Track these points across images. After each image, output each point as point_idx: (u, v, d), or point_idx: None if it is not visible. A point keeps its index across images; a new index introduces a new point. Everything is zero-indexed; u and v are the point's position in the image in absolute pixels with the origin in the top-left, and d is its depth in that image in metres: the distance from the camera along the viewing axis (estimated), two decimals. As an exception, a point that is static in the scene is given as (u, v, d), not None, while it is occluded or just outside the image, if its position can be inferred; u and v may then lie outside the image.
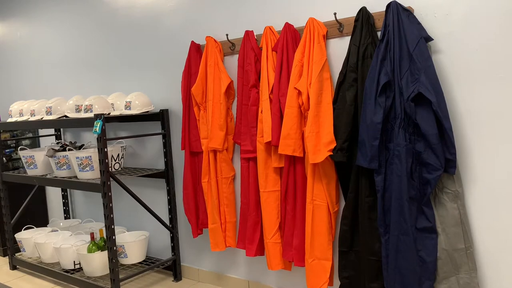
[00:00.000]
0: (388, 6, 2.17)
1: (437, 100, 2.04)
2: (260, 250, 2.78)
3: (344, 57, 2.34)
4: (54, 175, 3.40)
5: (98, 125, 2.83)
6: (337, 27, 2.44)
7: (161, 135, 3.34)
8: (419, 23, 2.15)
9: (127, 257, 3.29)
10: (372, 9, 2.29)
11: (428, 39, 2.14)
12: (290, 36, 2.52)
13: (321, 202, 2.44)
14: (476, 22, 2.09)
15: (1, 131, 4.02)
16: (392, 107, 2.16)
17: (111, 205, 2.91)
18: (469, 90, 2.13)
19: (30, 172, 3.55)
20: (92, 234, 3.26)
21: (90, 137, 3.95)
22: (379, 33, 2.24)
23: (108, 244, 2.94)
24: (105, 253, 3.16)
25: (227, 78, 2.84)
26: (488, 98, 2.10)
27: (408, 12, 2.15)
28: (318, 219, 2.45)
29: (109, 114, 3.13)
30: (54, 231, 3.77)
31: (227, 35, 2.88)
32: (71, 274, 3.29)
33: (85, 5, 3.80)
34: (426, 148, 2.09)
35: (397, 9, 2.14)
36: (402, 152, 2.12)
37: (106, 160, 2.88)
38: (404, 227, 2.15)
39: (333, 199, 2.47)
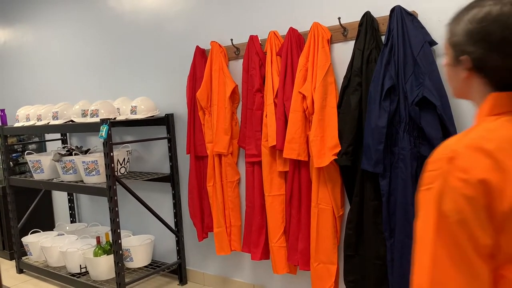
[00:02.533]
0: (392, 10, 2.18)
1: (441, 104, 2.04)
2: (265, 254, 2.79)
3: (349, 62, 2.35)
4: (60, 180, 3.42)
5: (104, 129, 2.85)
6: (341, 32, 2.45)
7: (166, 140, 3.35)
8: (423, 27, 2.15)
9: (133, 261, 3.30)
10: (376, 14, 2.30)
11: (432, 43, 2.14)
12: (295, 41, 2.53)
13: (326, 206, 2.44)
14: (480, 26, 2.09)
15: (8, 135, 4.05)
16: (397, 111, 2.16)
17: (117, 209, 2.93)
18: (473, 94, 2.13)
19: (37, 176, 3.58)
20: (98, 238, 3.28)
21: (96, 141, 3.97)
22: (383, 38, 2.25)
23: (114, 248, 2.95)
24: (111, 257, 3.17)
25: (231, 82, 2.85)
26: (493, 102, 2.10)
27: (412, 16, 2.16)
28: (323, 223, 2.45)
29: (115, 118, 3.15)
30: (60, 235, 3.78)
31: (231, 40, 2.89)
32: (77, 278, 3.31)
33: (91, 10, 3.83)
34: (431, 152, 2.09)
35: (401, 13, 2.14)
36: (407, 156, 2.13)
37: (112, 165, 2.89)
38: (409, 231, 2.15)
39: (338, 203, 2.47)
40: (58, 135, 4.26)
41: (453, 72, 0.95)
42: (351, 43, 2.40)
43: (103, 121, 2.88)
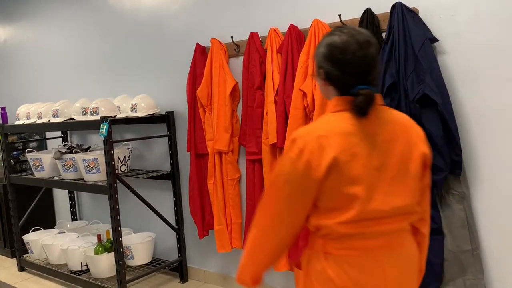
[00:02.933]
0: (393, 7, 2.17)
1: (442, 101, 2.04)
2: (266, 251, 2.78)
3: (349, 59, 2.34)
4: (61, 177, 3.42)
5: (104, 127, 2.85)
6: (341, 29, 2.44)
7: (166, 137, 3.35)
8: (424, 24, 2.14)
9: (133, 259, 3.30)
10: (376, 10, 2.29)
11: (433, 40, 2.13)
12: (295, 38, 2.52)
13: (327, 204, 2.44)
14: (481, 23, 2.09)
15: (9, 133, 4.05)
16: (398, 109, 2.15)
17: (117, 207, 2.93)
18: (475, 91, 2.13)
19: (38, 174, 3.58)
20: (99, 236, 3.28)
21: (96, 139, 3.97)
22: (384, 34, 2.24)
23: (114, 245, 2.96)
24: (112, 254, 3.17)
25: (232, 80, 2.84)
26: (494, 99, 2.09)
27: (413, 13, 2.15)
28: (323, 220, 2.45)
29: (115, 116, 3.14)
30: (61, 232, 3.79)
31: (232, 37, 2.88)
32: (78, 275, 3.31)
33: (91, 8, 3.82)
34: (432, 149, 2.08)
35: (402, 10, 2.14)
36: (408, 153, 2.12)
37: (113, 162, 2.89)
38: (410, 229, 2.15)
39: (339, 201, 2.46)
40: (58, 133, 4.26)
41: (318, 81, 1.30)
42: (352, 40, 2.39)
43: (104, 119, 2.87)
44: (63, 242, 3.50)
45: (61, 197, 4.45)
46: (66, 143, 4.05)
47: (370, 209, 1.17)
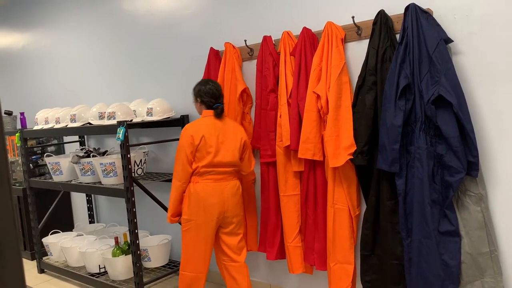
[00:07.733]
0: (407, 8, 2.16)
1: (458, 102, 2.02)
2: (281, 253, 2.79)
3: (363, 61, 2.34)
4: (79, 181, 3.48)
5: (121, 131, 2.89)
6: (355, 31, 2.44)
7: (182, 140, 3.38)
8: (438, 25, 2.13)
9: (150, 261, 3.34)
10: (390, 12, 2.28)
11: (448, 41, 2.12)
12: (308, 40, 2.53)
13: (342, 206, 2.44)
14: (496, 22, 2.06)
15: (28, 138, 4.13)
16: (412, 110, 2.14)
17: (134, 210, 2.97)
18: (490, 91, 2.10)
19: (56, 178, 3.64)
20: (116, 238, 3.32)
21: (113, 143, 4.02)
22: (397, 36, 2.23)
23: (132, 248, 2.99)
24: (129, 257, 3.21)
25: (241, 84, 2.86)
26: (510, 99, 2.07)
27: (427, 14, 2.13)
28: (339, 223, 2.44)
29: (131, 120, 3.18)
30: (80, 235, 3.85)
31: (245, 40, 2.90)
32: (96, 277, 3.36)
33: (107, 14, 3.88)
34: (448, 150, 2.07)
35: (416, 11, 2.13)
36: (423, 155, 2.11)
37: (129, 166, 2.93)
38: (426, 231, 2.13)
39: (354, 203, 2.46)
40: (76, 137, 4.33)
41: (195, 104, 2.72)
42: (366, 42, 2.39)
43: (120, 123, 2.92)
44: (81, 245, 3.56)
45: (79, 200, 4.52)
46: (84, 147, 4.11)
47: (215, 160, 2.51)
